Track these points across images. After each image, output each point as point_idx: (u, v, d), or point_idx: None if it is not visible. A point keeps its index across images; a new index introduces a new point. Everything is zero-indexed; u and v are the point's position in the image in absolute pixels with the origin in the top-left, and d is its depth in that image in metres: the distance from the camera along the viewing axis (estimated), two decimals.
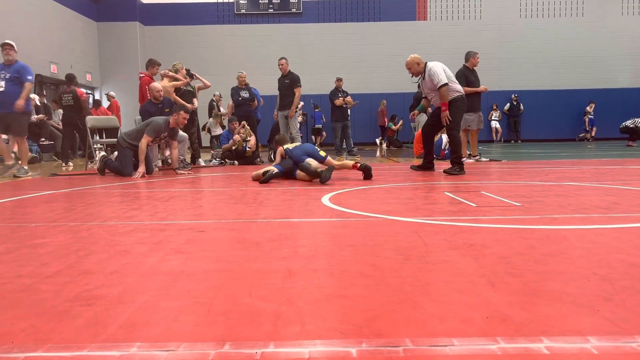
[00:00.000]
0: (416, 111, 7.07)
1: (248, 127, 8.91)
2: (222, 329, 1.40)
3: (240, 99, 9.47)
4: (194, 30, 19.14)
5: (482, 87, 8.60)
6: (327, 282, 1.82)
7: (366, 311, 1.51)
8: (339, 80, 11.42)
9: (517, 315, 1.45)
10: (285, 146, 6.09)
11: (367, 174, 5.68)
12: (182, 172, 7.00)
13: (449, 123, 6.26)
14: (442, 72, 6.26)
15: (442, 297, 1.63)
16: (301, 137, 10.39)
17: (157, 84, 7.69)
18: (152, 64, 8.55)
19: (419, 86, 6.84)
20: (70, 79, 9.92)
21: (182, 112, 6.89)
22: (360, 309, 1.53)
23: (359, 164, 5.81)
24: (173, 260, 2.18)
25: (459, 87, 6.46)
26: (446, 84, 6.20)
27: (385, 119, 17.55)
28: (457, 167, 6.24)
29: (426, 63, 6.43)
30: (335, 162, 6.00)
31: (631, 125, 13.95)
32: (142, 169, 6.70)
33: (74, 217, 3.49)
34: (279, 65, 9.43)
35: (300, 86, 9.41)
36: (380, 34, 19.24)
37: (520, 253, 2.20)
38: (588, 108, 18.95)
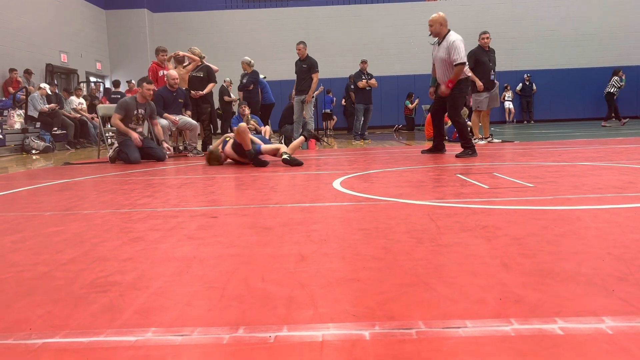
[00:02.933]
0: (432, 88, 6.84)
1: (248, 114, 8.85)
2: (236, 313, 1.41)
3: (240, 85, 9.61)
4: (202, 16, 19.06)
5: (479, 84, 8.38)
6: (339, 265, 1.83)
7: (379, 294, 1.51)
8: (364, 62, 11.28)
9: (530, 296, 1.45)
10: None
11: (317, 139, 6.24)
12: (167, 145, 7.15)
13: (449, 99, 6.18)
14: (462, 49, 6.09)
15: (454, 279, 1.63)
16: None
17: (173, 72, 7.67)
18: (158, 51, 8.61)
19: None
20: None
21: (144, 84, 6.96)
22: (372, 292, 1.53)
23: (282, 156, 5.83)
24: (186, 246, 2.19)
25: (467, 69, 6.40)
26: (464, 63, 6.07)
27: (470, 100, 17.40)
28: (469, 151, 6.18)
29: (449, 31, 6.21)
30: (269, 147, 6.14)
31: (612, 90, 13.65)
32: (134, 135, 6.76)
33: (87, 205, 3.52)
34: (296, 49, 9.36)
35: (318, 71, 9.35)
36: (390, 16, 19.03)
37: (534, 234, 2.19)
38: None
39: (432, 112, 6.81)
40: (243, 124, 5.85)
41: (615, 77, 13.99)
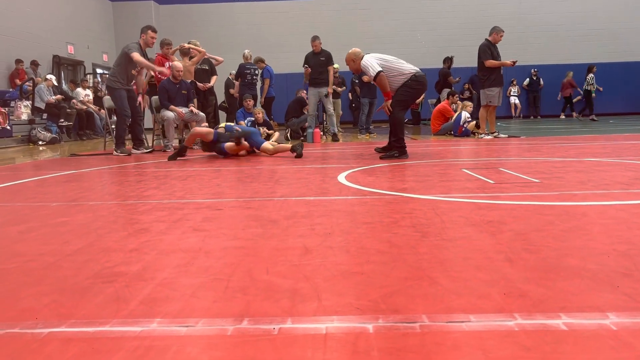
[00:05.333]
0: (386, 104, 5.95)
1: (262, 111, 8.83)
2: (240, 305, 1.41)
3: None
4: (208, 8, 19.01)
5: (509, 61, 8.36)
6: (344, 258, 1.83)
7: (383, 287, 1.52)
8: None
9: (534, 292, 1.45)
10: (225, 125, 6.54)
11: (299, 153, 5.83)
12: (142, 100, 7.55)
13: (390, 112, 5.74)
14: (374, 63, 5.61)
15: (459, 274, 1.63)
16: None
17: (178, 64, 7.67)
18: (162, 44, 8.67)
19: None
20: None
21: (149, 31, 7.13)
22: (376, 285, 1.54)
23: (291, 148, 6.01)
24: (191, 238, 2.20)
25: (406, 67, 5.75)
26: (380, 72, 5.54)
27: (571, 91, 17.36)
28: (395, 152, 5.63)
29: (362, 58, 5.77)
30: (270, 148, 6.29)
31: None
32: (158, 68, 7.15)
33: (93, 196, 3.54)
34: (313, 45, 9.41)
35: (334, 64, 9.45)
36: (396, 9, 18.92)
37: (539, 229, 2.18)
38: None
39: (394, 114, 5.94)
40: (196, 129, 6.40)
41: (592, 75, 14.19)
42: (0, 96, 11.09)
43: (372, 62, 5.64)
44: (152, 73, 7.64)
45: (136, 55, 6.87)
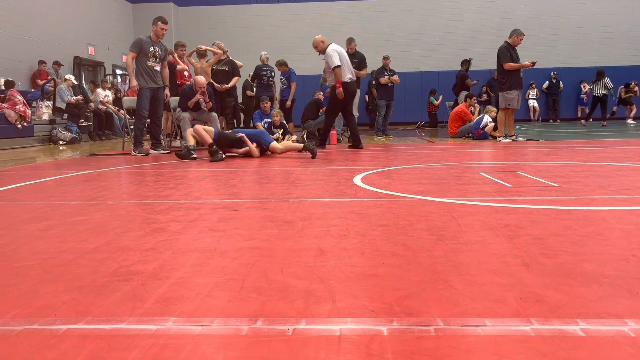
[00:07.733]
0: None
1: (279, 112, 8.83)
2: (255, 305, 1.42)
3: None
4: (227, 10, 19.14)
5: (528, 62, 8.32)
6: (359, 260, 1.83)
7: (397, 290, 1.51)
8: (386, 58, 11.30)
9: (551, 297, 1.43)
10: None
11: (313, 153, 6.01)
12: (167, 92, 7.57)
13: (340, 99, 7.32)
14: (336, 56, 7.28)
15: (474, 278, 1.61)
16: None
17: (202, 79, 7.63)
18: (177, 46, 8.79)
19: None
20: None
21: (159, 22, 7.34)
22: (391, 288, 1.53)
23: (303, 147, 6.21)
24: (207, 238, 2.22)
25: (348, 74, 7.43)
26: (339, 66, 7.20)
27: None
28: (316, 141, 7.51)
29: (329, 45, 7.44)
30: (279, 147, 6.46)
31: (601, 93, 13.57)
32: (133, 82, 7.09)
33: (111, 195, 3.58)
34: (349, 48, 9.50)
35: (366, 66, 9.68)
36: (415, 11, 18.85)
37: (556, 234, 2.15)
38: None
39: (326, 113, 7.89)
40: (196, 127, 6.38)
41: (608, 79, 13.90)
42: (23, 96, 11.26)
43: (333, 55, 7.28)
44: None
45: (125, 57, 6.98)
